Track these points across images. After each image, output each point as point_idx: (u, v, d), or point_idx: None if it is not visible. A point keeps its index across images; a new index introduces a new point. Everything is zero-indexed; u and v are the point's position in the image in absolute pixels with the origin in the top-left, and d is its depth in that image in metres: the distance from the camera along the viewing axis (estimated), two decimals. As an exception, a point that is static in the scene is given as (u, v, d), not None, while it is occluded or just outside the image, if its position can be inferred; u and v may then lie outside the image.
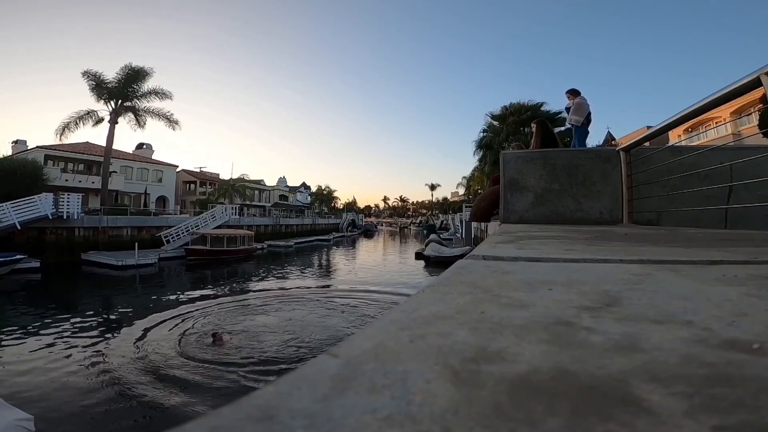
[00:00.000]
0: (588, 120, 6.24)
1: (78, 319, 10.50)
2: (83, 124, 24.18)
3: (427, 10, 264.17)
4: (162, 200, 36.31)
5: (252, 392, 0.28)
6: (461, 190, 55.46)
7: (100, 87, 23.61)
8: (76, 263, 18.79)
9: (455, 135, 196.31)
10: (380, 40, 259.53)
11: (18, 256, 15.96)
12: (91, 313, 11.27)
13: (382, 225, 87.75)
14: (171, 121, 26.06)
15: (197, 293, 13.98)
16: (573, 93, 6.36)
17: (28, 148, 29.28)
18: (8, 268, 15.52)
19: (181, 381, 6.71)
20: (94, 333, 9.37)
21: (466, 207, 29.44)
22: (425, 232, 41.67)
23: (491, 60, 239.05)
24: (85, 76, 23.57)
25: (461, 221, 31.71)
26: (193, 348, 8.16)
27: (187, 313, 11.16)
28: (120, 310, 11.69)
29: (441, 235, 32.34)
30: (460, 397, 0.28)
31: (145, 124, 25.59)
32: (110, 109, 24.55)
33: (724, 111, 19.02)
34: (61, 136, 23.81)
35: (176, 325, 9.97)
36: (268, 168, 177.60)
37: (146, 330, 9.54)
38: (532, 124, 6.48)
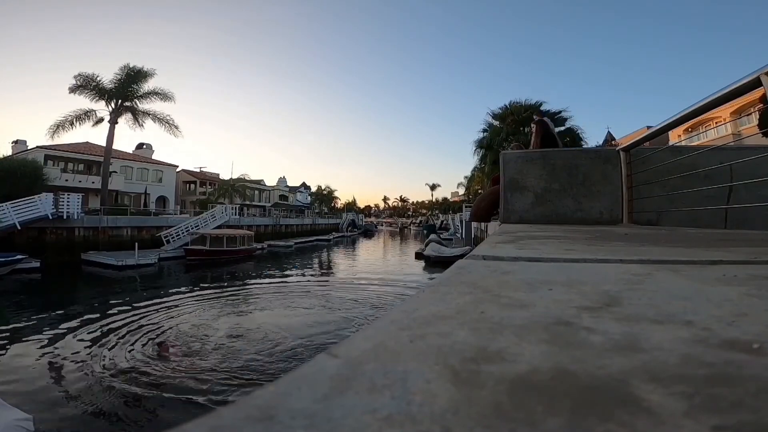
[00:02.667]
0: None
1: (78, 319, 10.49)
2: (79, 123, 24.00)
3: (427, 10, 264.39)
4: (162, 200, 36.31)
5: (252, 392, 0.28)
6: (461, 190, 55.54)
7: (86, 87, 23.33)
8: (76, 263, 18.79)
9: (455, 135, 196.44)
10: (380, 41, 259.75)
11: (19, 257, 15.95)
12: (91, 313, 11.27)
13: (382, 225, 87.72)
14: (171, 125, 25.97)
15: (196, 293, 14.00)
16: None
17: (28, 148, 29.27)
18: (9, 268, 15.52)
19: (181, 379, 6.71)
20: (94, 333, 9.36)
21: (466, 207, 29.45)
22: (425, 232, 42.17)
23: (491, 60, 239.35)
24: (78, 78, 23.41)
25: (461, 221, 31.79)
26: (190, 347, 8.17)
27: (186, 312, 11.18)
28: (120, 309, 11.68)
29: (441, 235, 32.50)
30: (460, 397, 0.28)
31: (143, 124, 25.55)
32: (110, 109, 24.51)
33: (724, 111, 19.02)
34: (53, 135, 23.53)
35: (173, 323, 9.98)
36: (268, 168, 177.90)
37: (144, 329, 9.55)
38: (532, 124, 6.68)
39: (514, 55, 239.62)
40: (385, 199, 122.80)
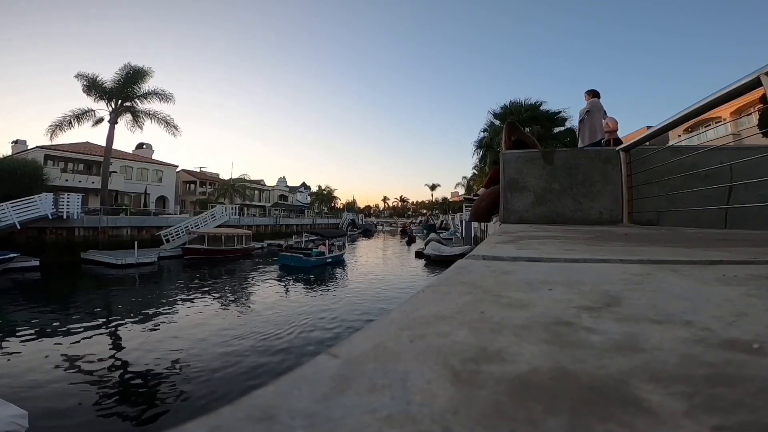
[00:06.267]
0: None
1: (75, 317, 10.50)
2: (78, 123, 23.94)
3: (428, 13, 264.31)
4: (162, 200, 36.29)
5: (252, 392, 0.28)
6: (461, 190, 55.55)
7: (94, 87, 23.35)
8: (75, 262, 18.79)
9: (455, 135, 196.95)
10: (381, 42, 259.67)
11: (10, 255, 15.81)
12: (89, 311, 11.28)
13: (383, 225, 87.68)
14: (171, 125, 25.90)
15: (194, 292, 14.03)
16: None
17: (28, 148, 29.26)
18: (1, 267, 15.45)
19: (179, 379, 6.71)
20: (92, 331, 9.36)
21: (466, 207, 29.46)
22: (425, 231, 42.84)
23: (492, 62, 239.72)
24: (79, 78, 23.37)
25: (461, 221, 31.85)
26: (188, 346, 8.16)
27: (186, 309, 11.18)
28: (119, 308, 11.69)
29: (440, 235, 32.69)
30: (460, 397, 0.28)
31: (143, 125, 25.49)
32: (110, 109, 24.47)
33: (724, 111, 19.00)
34: (52, 136, 23.45)
35: (170, 322, 9.98)
36: (268, 168, 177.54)
37: (142, 327, 9.55)
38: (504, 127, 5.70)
39: (514, 56, 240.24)
40: (385, 200, 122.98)
